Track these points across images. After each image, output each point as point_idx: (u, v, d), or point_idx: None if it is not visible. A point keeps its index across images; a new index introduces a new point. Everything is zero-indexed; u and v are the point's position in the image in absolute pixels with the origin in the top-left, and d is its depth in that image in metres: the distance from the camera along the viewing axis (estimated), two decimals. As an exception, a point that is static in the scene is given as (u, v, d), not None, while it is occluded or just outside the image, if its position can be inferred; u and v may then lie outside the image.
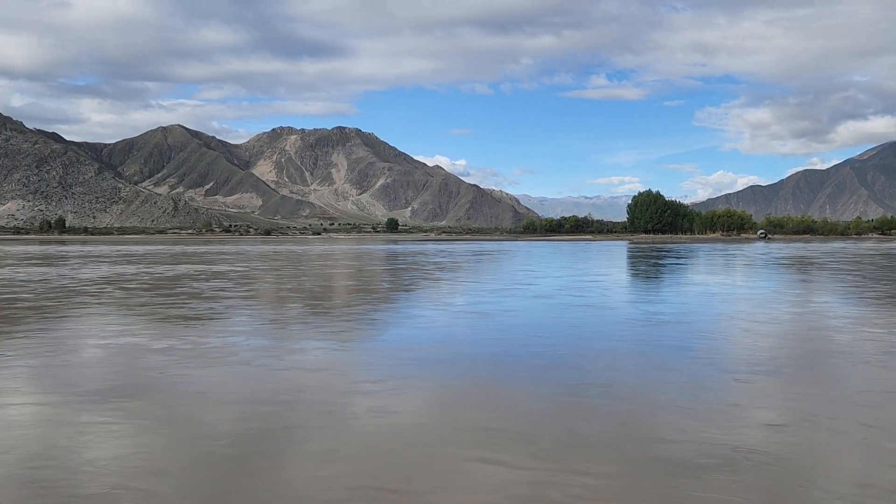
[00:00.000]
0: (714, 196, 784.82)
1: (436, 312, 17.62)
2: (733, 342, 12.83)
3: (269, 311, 18.28)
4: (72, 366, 10.47)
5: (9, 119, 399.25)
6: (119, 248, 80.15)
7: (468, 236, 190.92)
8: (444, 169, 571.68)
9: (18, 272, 33.37)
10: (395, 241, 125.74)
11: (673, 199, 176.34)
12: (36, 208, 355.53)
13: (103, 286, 25.08)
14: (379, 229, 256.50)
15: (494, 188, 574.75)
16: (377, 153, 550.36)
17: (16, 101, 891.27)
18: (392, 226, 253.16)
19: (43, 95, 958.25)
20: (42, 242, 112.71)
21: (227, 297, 21.27)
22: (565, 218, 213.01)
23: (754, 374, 9.73)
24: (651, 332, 14.15)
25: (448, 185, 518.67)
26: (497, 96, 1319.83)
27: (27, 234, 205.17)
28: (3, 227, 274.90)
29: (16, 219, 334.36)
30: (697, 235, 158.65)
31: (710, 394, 8.57)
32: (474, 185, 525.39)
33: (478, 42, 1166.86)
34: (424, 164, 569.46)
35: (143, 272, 33.46)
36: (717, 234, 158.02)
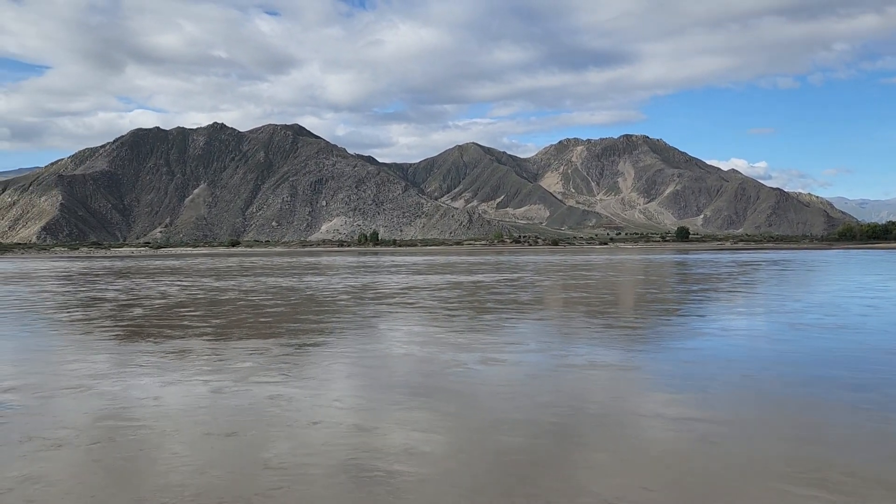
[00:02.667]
0: None
1: (669, 328, 16.36)
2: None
3: (527, 320, 18.46)
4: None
5: (335, 146, 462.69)
6: (405, 258, 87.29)
7: (770, 245, 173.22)
8: (740, 172, 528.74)
9: (302, 281, 38.14)
10: (685, 251, 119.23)
11: None
12: (355, 223, 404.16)
13: (340, 295, 27.55)
14: (668, 238, 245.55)
15: (801, 191, 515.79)
16: (666, 159, 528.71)
17: (340, 130, 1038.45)
18: (682, 234, 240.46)
19: (361, 124, 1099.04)
20: (360, 254, 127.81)
21: (441, 307, 21.94)
22: (893, 223, 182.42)
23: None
24: (884, 360, 11.43)
25: (745, 189, 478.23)
26: (804, 89, 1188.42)
27: (349, 246, 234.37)
28: (330, 240, 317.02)
29: (339, 233, 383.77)
30: None
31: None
32: (776, 189, 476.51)
33: (780, 31, 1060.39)
34: (718, 169, 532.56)
35: (389, 282, 35.95)
36: None
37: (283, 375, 10.78)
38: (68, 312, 21.42)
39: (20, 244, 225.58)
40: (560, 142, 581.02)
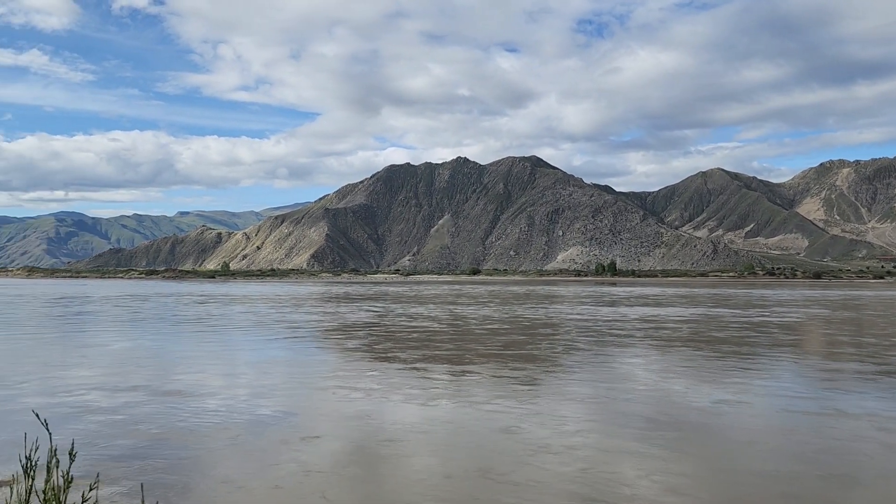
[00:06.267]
0: None
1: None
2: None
3: (805, 362, 18.10)
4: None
5: (571, 176, 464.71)
6: (629, 289, 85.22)
7: None
8: None
9: (479, 311, 39.84)
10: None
11: None
12: (591, 253, 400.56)
13: (487, 323, 28.62)
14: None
15: None
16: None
17: (576, 160, 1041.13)
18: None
19: (597, 153, 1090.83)
20: (596, 283, 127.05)
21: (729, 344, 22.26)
22: None
23: None
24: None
25: None
26: None
27: (585, 276, 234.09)
28: (566, 269, 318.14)
29: (576, 262, 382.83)
30: None
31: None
32: None
33: None
34: None
35: (559, 313, 36.20)
36: None
37: (362, 391, 12.54)
38: (243, 331, 25.53)
39: (293, 270, 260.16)
40: (821, 164, 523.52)
